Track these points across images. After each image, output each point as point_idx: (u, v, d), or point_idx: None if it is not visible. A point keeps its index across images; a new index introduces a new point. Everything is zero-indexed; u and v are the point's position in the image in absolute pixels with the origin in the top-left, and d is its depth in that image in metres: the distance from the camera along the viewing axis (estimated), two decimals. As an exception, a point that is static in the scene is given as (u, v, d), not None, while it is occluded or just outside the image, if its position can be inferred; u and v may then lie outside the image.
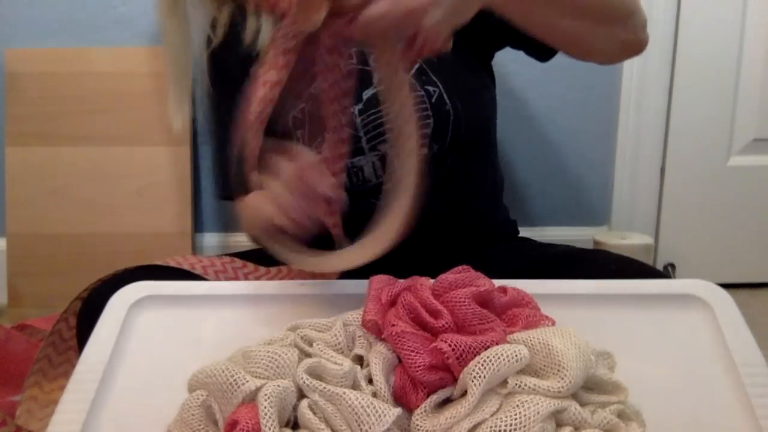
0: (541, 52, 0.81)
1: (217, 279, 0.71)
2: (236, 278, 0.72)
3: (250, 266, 0.74)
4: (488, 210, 0.91)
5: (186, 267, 0.71)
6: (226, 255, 0.78)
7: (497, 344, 0.44)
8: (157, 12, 0.87)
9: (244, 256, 0.78)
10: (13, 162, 1.28)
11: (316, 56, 0.52)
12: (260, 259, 0.75)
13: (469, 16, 0.51)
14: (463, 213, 0.86)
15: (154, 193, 1.29)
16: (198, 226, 1.36)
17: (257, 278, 0.72)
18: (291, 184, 0.63)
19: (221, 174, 0.93)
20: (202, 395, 0.45)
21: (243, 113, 0.55)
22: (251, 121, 0.55)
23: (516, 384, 0.42)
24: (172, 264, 0.72)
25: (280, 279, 0.70)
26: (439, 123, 0.74)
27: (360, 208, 0.83)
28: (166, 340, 0.55)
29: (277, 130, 0.85)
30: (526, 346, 0.44)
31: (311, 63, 0.53)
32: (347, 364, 0.45)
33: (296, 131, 0.85)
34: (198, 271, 0.71)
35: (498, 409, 0.42)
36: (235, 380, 0.43)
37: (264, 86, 0.53)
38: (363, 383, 0.45)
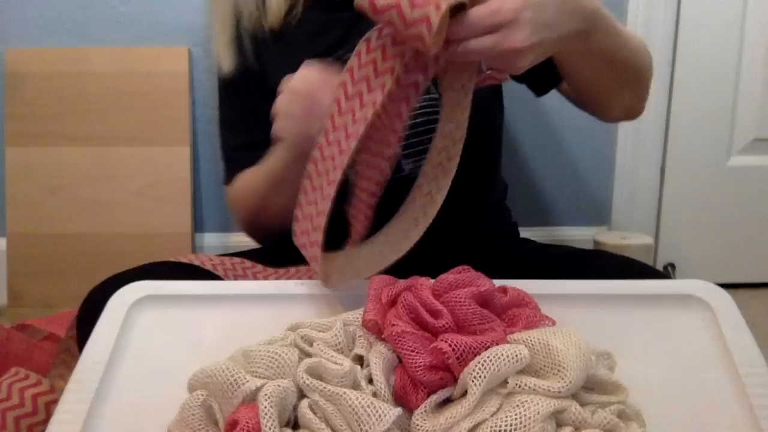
0: (540, 89, 0.84)
1: (227, 277, 0.71)
2: (245, 277, 0.72)
3: (259, 267, 0.74)
4: (492, 214, 0.92)
5: (197, 263, 0.71)
6: (235, 256, 0.78)
7: (497, 344, 0.44)
8: None
9: (247, 255, 0.78)
10: (13, 162, 1.28)
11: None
12: (264, 259, 0.75)
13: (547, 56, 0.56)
14: (468, 217, 0.86)
15: (154, 193, 1.29)
16: (198, 226, 1.36)
17: (266, 278, 0.72)
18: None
19: (229, 157, 0.93)
20: (202, 395, 0.45)
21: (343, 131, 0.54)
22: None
23: (516, 384, 0.42)
24: (183, 261, 0.72)
25: (288, 279, 0.70)
26: None
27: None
28: (166, 340, 0.55)
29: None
30: (526, 346, 0.44)
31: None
32: (347, 364, 0.45)
33: None
34: (208, 267, 0.71)
35: (498, 409, 0.42)
36: (235, 380, 0.43)
37: (372, 108, 0.53)
38: (363, 383, 0.45)
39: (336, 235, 0.63)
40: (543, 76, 0.80)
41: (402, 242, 0.58)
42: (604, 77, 0.70)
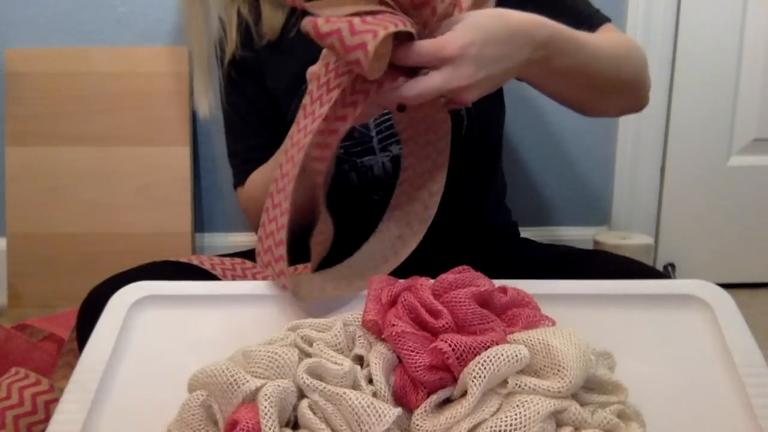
0: None
1: (225, 277, 0.71)
2: (245, 277, 0.72)
3: (259, 267, 0.74)
4: (493, 213, 0.92)
5: (196, 263, 0.71)
6: (235, 256, 0.78)
7: (497, 344, 0.44)
8: (181, 2, 0.91)
9: (247, 255, 0.78)
10: (13, 162, 1.28)
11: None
12: None
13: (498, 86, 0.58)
14: (469, 216, 0.86)
15: (154, 193, 1.29)
16: (198, 226, 1.36)
17: (266, 278, 0.72)
18: None
19: (239, 161, 0.93)
20: (202, 395, 0.45)
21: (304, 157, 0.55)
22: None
23: (516, 384, 0.42)
24: (183, 260, 0.72)
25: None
26: (452, 128, 0.75)
27: (363, 203, 0.83)
28: (166, 340, 0.55)
29: (287, 121, 0.86)
30: (526, 346, 0.44)
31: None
32: (347, 364, 0.45)
33: None
34: (207, 266, 0.71)
35: (498, 409, 0.42)
36: (235, 380, 0.43)
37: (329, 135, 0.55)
38: (363, 383, 0.45)
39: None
40: None
41: (369, 274, 0.59)
42: (575, 90, 0.70)
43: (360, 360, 0.48)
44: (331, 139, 0.55)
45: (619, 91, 0.73)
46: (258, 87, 0.89)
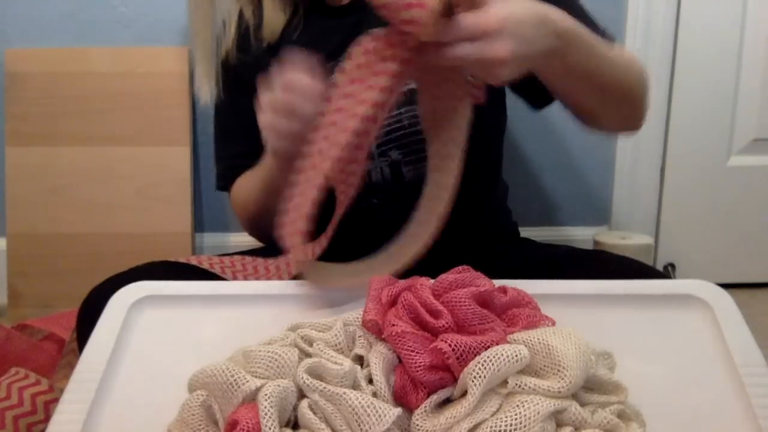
0: (539, 103, 0.83)
1: (224, 274, 0.71)
2: (245, 272, 0.72)
3: (260, 259, 0.74)
4: (493, 215, 0.92)
5: (195, 262, 0.71)
6: (235, 254, 0.78)
7: (497, 344, 0.44)
8: None
9: (248, 255, 0.78)
10: (13, 162, 1.28)
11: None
12: (266, 256, 0.75)
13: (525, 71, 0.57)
14: (470, 218, 0.86)
15: (154, 193, 1.29)
16: (198, 226, 1.36)
17: (267, 269, 0.71)
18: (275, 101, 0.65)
19: (224, 166, 0.94)
20: (202, 395, 0.45)
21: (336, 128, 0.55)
22: (349, 142, 0.54)
23: (516, 384, 0.42)
24: (183, 260, 0.72)
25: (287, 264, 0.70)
26: None
27: (362, 207, 0.83)
28: (166, 340, 0.55)
29: None
30: (526, 346, 0.44)
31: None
32: (347, 364, 0.45)
33: None
34: (205, 266, 0.71)
35: (498, 409, 0.42)
36: (235, 380, 0.43)
37: (364, 105, 0.54)
38: (363, 383, 0.45)
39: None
40: (542, 89, 0.80)
41: (377, 270, 0.59)
42: (584, 92, 0.70)
43: (360, 360, 0.48)
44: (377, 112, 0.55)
45: (622, 100, 0.73)
46: (250, 99, 0.89)
